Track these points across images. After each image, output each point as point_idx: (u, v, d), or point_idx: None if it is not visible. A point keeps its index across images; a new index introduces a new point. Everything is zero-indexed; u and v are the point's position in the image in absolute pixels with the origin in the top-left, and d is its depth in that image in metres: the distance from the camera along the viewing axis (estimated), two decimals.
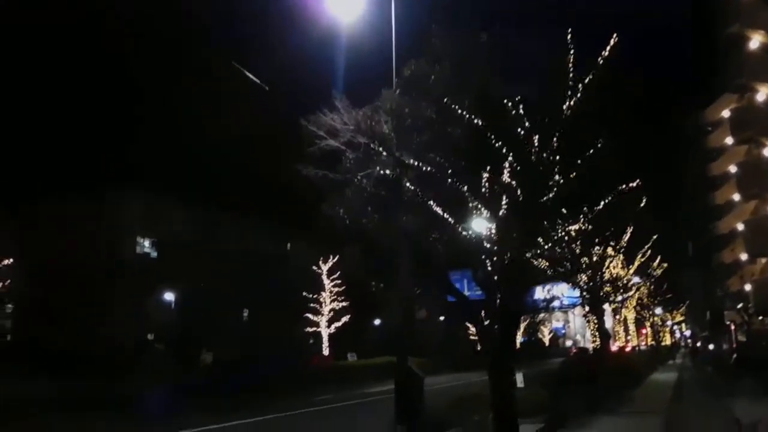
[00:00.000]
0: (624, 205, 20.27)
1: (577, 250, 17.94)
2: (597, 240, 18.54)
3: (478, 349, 59.61)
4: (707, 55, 36.64)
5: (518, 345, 68.63)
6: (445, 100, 7.84)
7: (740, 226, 42.36)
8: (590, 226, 13.55)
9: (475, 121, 8.53)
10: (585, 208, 13.21)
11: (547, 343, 76.96)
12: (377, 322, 43.04)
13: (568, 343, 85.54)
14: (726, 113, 49.65)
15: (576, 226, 13.10)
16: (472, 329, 61.56)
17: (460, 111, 8.16)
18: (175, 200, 38.03)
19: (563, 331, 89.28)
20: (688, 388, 19.91)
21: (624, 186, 13.23)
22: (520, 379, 12.05)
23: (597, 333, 18.03)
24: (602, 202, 13.03)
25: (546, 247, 12.64)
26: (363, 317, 38.11)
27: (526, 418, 10.91)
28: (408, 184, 8.40)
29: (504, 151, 9.44)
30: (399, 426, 8.27)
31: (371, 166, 8.32)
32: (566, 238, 17.31)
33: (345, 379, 28.19)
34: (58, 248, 33.90)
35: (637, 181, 13.51)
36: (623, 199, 19.95)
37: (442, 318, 56.67)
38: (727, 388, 18.06)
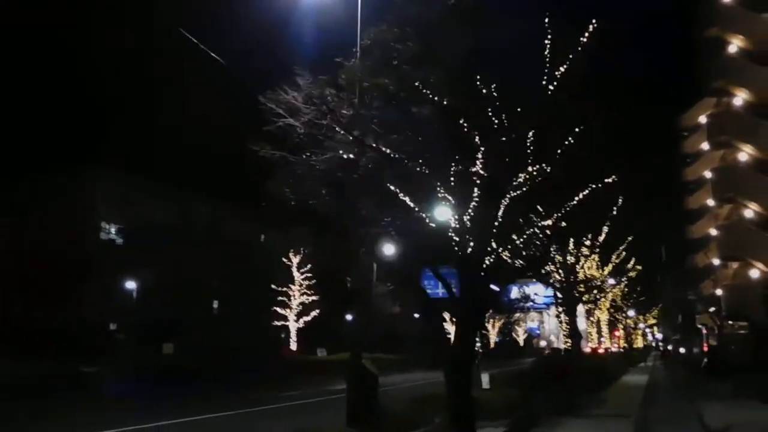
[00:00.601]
0: (600, 204, 20.03)
1: (552, 248, 17.53)
2: (572, 239, 18.16)
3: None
4: (687, 57, 36.58)
5: (492, 345, 68.67)
6: (406, 68, 7.16)
7: (713, 231, 42.64)
8: (564, 223, 13.03)
9: (443, 100, 7.92)
10: (559, 205, 12.73)
11: (521, 343, 77.11)
12: (349, 317, 42.32)
13: (543, 343, 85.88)
14: (703, 119, 49.99)
15: (549, 222, 12.59)
16: (446, 326, 61.39)
17: (425, 87, 7.52)
18: (146, 186, 36.88)
19: (538, 332, 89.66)
20: (659, 391, 19.63)
21: (599, 183, 12.76)
22: (486, 380, 11.55)
23: (569, 333, 17.58)
24: (576, 198, 12.54)
25: (519, 242, 12.13)
26: (334, 312, 37.35)
27: (490, 420, 10.38)
28: (370, 167, 7.76)
29: (477, 138, 8.88)
30: (349, 429, 7.63)
31: (328, 145, 7.64)
32: (540, 234, 16.93)
33: (313, 375, 27.52)
34: (23, 232, 32.73)
35: (613, 177, 13.05)
36: (599, 198, 19.72)
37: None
38: (698, 391, 17.80)
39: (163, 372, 21.92)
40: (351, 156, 7.77)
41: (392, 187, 7.56)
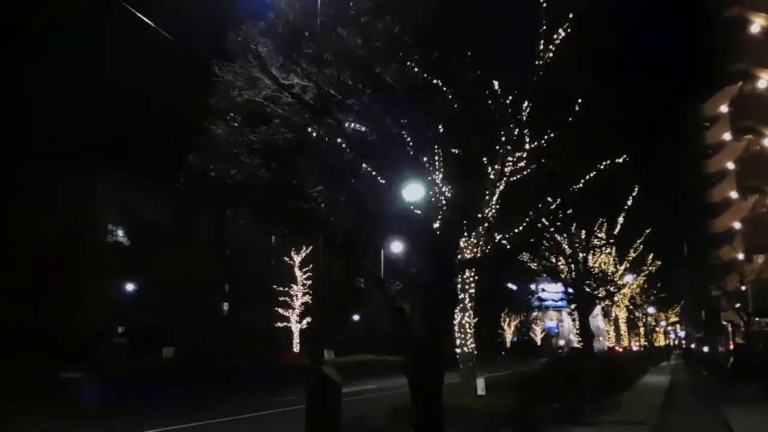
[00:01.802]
0: (612, 194, 18.60)
1: (560, 238, 16.17)
2: (582, 230, 16.80)
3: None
4: (706, 41, 34.77)
5: (509, 344, 67.11)
6: (366, 20, 5.98)
7: (737, 225, 40.70)
8: (570, 210, 11.73)
9: (412, 61, 6.74)
10: (563, 189, 11.42)
11: (539, 343, 75.48)
12: (357, 317, 41.27)
13: (561, 342, 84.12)
14: (724, 108, 47.96)
15: (551, 207, 11.31)
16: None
17: (389, 43, 6.34)
18: (151, 186, 36.04)
19: (556, 331, 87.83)
20: (681, 394, 18.12)
21: (607, 162, 11.46)
22: (481, 386, 10.31)
23: (580, 332, 16.18)
24: (581, 180, 11.26)
25: (518, 229, 10.87)
26: (340, 313, 36.32)
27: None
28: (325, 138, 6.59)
29: (455, 105, 7.69)
30: None
31: (275, 113, 6.50)
32: (543, 220, 15.57)
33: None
34: (24, 231, 32.09)
35: (624, 157, 11.75)
36: (612, 187, 18.31)
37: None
38: (724, 394, 16.33)
39: (155, 377, 21.02)
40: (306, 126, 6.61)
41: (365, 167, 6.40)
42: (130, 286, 33.10)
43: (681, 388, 20.21)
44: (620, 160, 11.48)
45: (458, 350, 10.48)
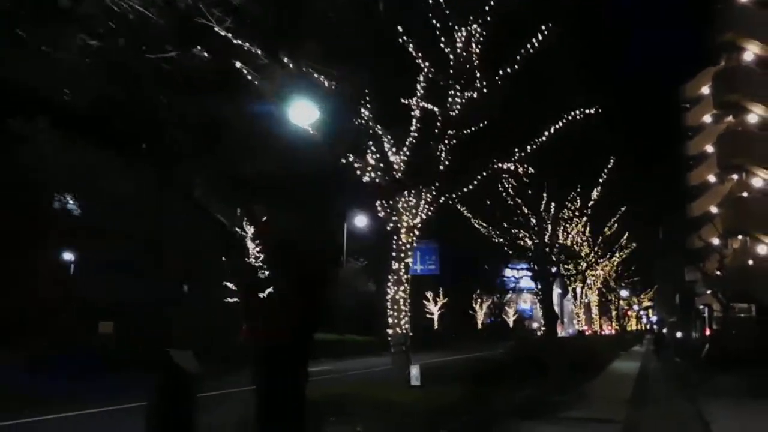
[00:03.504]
0: (583, 162, 16.89)
1: (526, 210, 14.40)
2: (550, 199, 15.02)
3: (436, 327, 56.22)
4: (697, 13, 32.89)
5: (480, 326, 66.10)
6: None
7: (714, 209, 39.60)
8: (532, 170, 9.90)
9: None
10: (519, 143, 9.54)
11: (511, 325, 74.65)
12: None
13: (534, 325, 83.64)
14: (706, 90, 46.54)
15: (511, 166, 9.46)
16: (429, 305, 58.21)
17: None
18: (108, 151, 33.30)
19: (530, 313, 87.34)
20: (654, 384, 16.60)
21: (578, 112, 9.54)
22: (415, 374, 8.47)
23: (543, 313, 14.49)
24: (545, 133, 9.36)
25: (467, 188, 9.00)
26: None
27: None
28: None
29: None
30: None
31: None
32: (507, 185, 13.77)
33: None
34: None
35: (596, 107, 9.88)
36: (582, 154, 16.60)
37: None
38: (700, 385, 14.82)
39: (84, 357, 18.98)
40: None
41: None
42: (70, 257, 30.70)
43: (654, 377, 18.74)
44: (591, 111, 9.63)
45: (390, 330, 8.64)
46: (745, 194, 31.01)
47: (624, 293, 39.89)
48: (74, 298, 29.15)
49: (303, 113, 4.98)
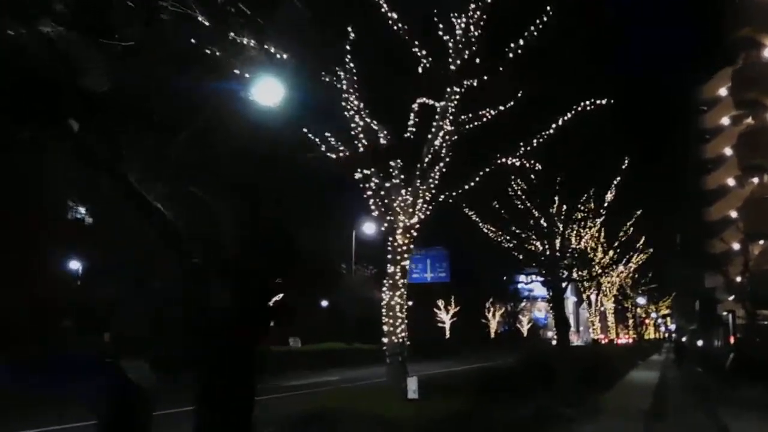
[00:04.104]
0: (597, 162, 16.11)
1: (536, 213, 13.63)
2: (556, 197, 14.25)
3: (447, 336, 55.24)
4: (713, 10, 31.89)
5: (493, 335, 65.11)
6: None
7: (733, 213, 38.37)
8: (539, 166, 9.19)
9: None
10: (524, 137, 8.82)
11: (525, 334, 73.38)
12: (325, 303, 38.76)
13: (549, 334, 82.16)
14: (723, 91, 45.34)
15: (516, 161, 8.75)
16: (441, 314, 57.11)
17: None
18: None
19: (545, 322, 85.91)
20: (675, 396, 15.65)
21: (587, 102, 8.80)
22: (413, 387, 7.75)
23: (555, 321, 13.68)
24: (552, 126, 8.64)
25: (468, 185, 8.34)
26: (307, 295, 33.68)
27: None
28: None
29: None
30: None
31: None
32: (515, 187, 13.04)
33: (272, 368, 23.98)
34: None
35: (606, 99, 9.15)
36: (596, 153, 15.82)
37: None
38: (723, 397, 13.88)
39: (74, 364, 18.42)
40: None
41: None
42: (77, 265, 30.43)
43: (674, 389, 17.76)
44: (602, 102, 8.89)
45: (385, 339, 7.94)
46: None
47: (641, 300, 38.71)
48: (78, 305, 28.86)
49: (268, 91, 4.34)
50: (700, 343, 33.76)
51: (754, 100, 29.62)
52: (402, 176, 8.28)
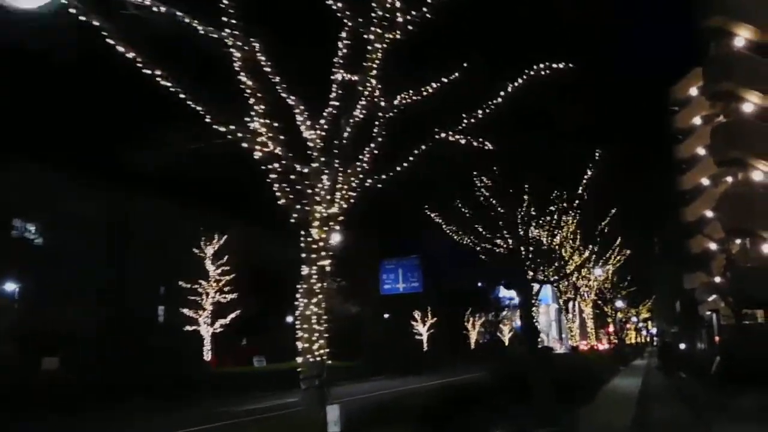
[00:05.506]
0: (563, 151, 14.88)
1: (498, 205, 12.24)
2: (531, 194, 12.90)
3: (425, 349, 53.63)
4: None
5: (473, 346, 63.68)
6: None
7: (709, 213, 37.60)
8: (490, 146, 7.71)
9: None
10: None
11: (506, 343, 71.91)
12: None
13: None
14: (694, 91, 44.87)
15: (461, 139, 7.27)
16: (418, 326, 55.48)
17: None
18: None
19: None
20: (661, 408, 14.18)
21: (542, 66, 7.27)
22: (334, 417, 6.14)
23: (523, 328, 12.19)
24: (500, 94, 7.14)
25: (400, 167, 6.92)
26: (270, 314, 31.84)
27: None
28: None
29: None
30: None
31: None
32: (481, 184, 11.61)
33: (225, 390, 22.18)
34: None
35: (569, 64, 7.70)
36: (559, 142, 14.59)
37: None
38: (711, 406, 12.50)
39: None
40: None
41: None
42: (12, 287, 28.23)
43: (659, 398, 16.33)
44: (560, 65, 7.44)
45: (299, 359, 6.35)
46: (745, 190, 28.82)
47: (620, 304, 37.59)
48: (17, 329, 26.70)
49: None
50: (682, 346, 32.58)
51: (729, 91, 28.78)
52: (322, 158, 6.74)
